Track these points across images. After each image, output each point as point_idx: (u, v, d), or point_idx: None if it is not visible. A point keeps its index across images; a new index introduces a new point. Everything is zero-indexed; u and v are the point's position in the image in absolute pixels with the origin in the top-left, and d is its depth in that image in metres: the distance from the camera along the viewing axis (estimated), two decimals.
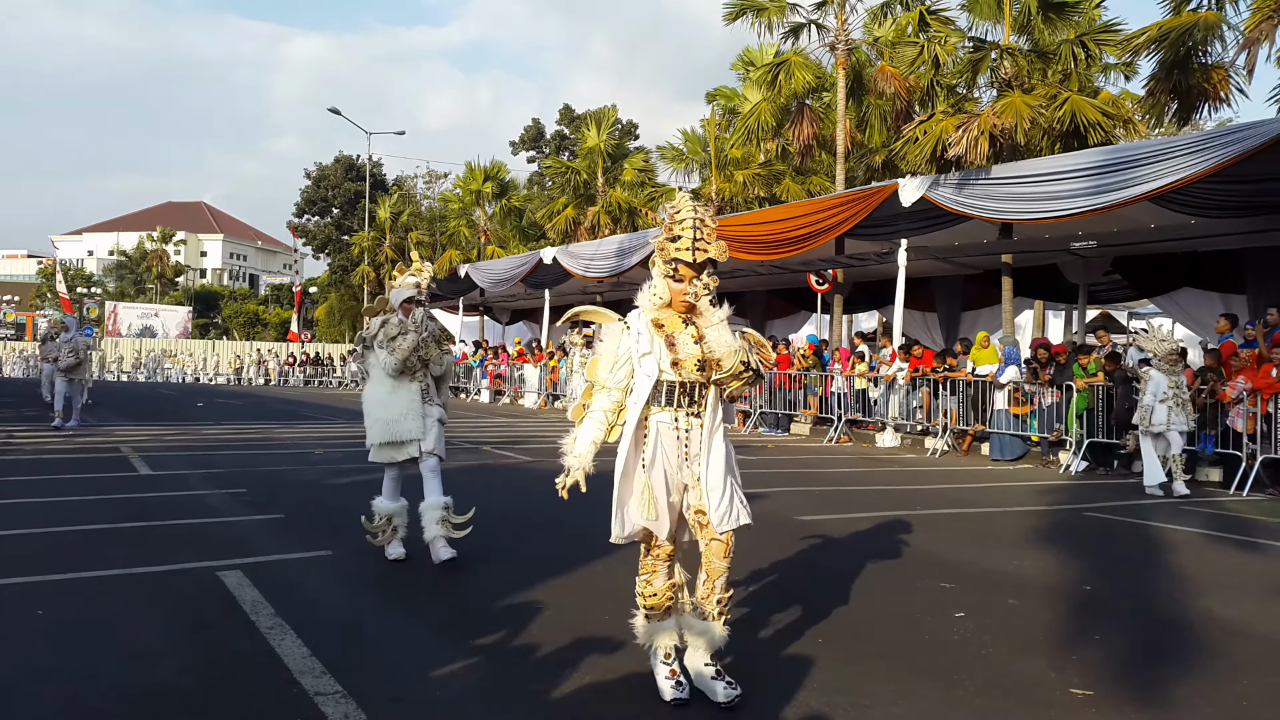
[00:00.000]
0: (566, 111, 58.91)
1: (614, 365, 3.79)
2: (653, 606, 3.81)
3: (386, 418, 6.01)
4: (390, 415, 6.01)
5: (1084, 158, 14.26)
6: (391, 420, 6.01)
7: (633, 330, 3.78)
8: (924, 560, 6.62)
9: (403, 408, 6.03)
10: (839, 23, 19.15)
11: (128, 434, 14.71)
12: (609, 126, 29.45)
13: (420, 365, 6.11)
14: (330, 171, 65.72)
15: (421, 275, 6.27)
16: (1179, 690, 4.13)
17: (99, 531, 6.96)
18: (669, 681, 3.77)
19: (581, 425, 3.84)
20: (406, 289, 6.20)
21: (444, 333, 6.69)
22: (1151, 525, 8.54)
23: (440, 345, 6.28)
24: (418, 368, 6.09)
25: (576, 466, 3.75)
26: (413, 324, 6.07)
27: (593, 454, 3.79)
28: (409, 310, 6.14)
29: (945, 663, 4.36)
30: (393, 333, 6.00)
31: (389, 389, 6.04)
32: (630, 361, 3.76)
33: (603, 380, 3.81)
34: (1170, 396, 10.63)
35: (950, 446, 15.10)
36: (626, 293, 28.56)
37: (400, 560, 6.07)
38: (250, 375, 48.22)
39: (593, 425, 3.80)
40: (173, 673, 4.00)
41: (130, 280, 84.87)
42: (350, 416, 20.72)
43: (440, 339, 6.31)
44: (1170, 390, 10.66)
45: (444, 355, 6.30)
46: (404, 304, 6.15)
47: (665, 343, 3.71)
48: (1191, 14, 14.39)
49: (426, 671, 4.08)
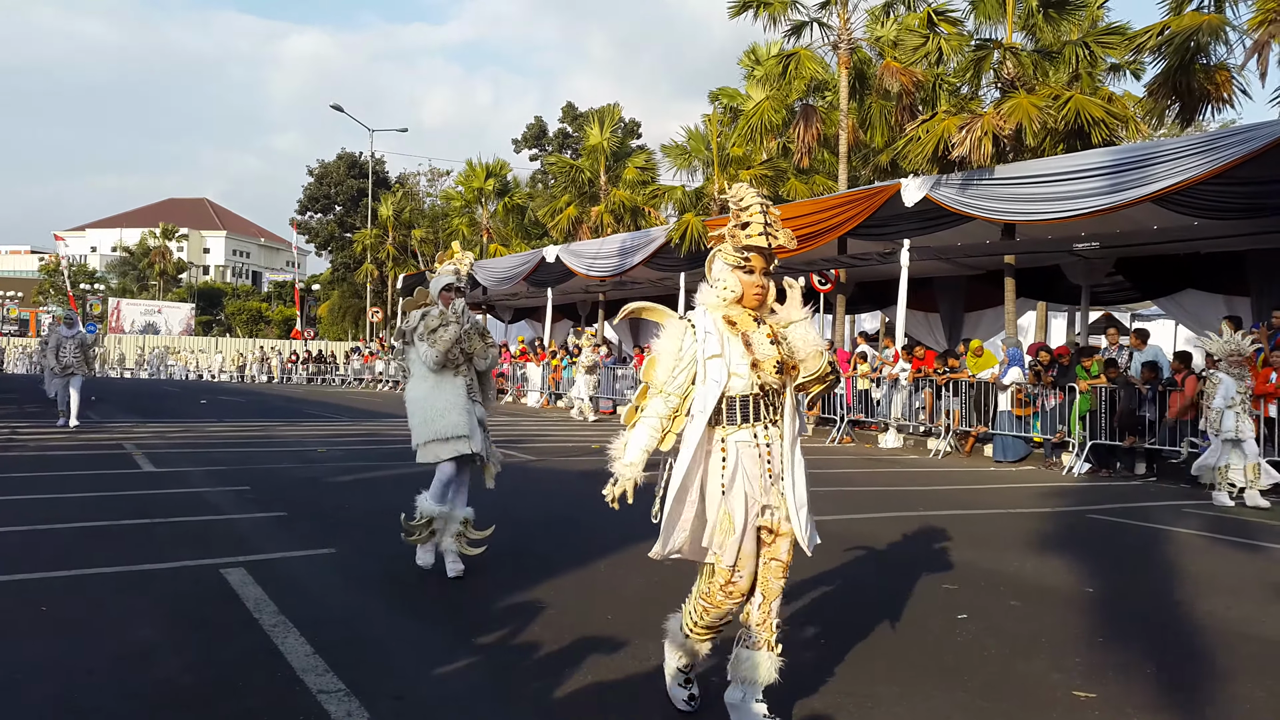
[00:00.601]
0: (569, 109, 58.87)
1: (674, 368, 3.41)
2: (705, 635, 3.50)
3: (430, 414, 5.71)
4: (433, 411, 5.70)
5: (1087, 159, 14.24)
6: (435, 415, 5.69)
7: (699, 329, 3.41)
8: (927, 562, 6.62)
9: (447, 402, 5.72)
10: (842, 22, 19.15)
11: (131, 431, 14.73)
12: (613, 125, 29.44)
13: (464, 359, 5.82)
14: (333, 169, 65.74)
15: (461, 263, 5.99)
16: (1181, 693, 4.13)
17: (102, 528, 6.97)
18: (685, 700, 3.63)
19: (634, 431, 3.46)
20: (445, 276, 5.91)
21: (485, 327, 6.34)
22: (1154, 528, 8.53)
23: (484, 338, 5.99)
24: (460, 361, 5.80)
25: (627, 476, 3.39)
26: (454, 315, 5.77)
27: (644, 463, 3.44)
28: (448, 300, 5.85)
29: (948, 664, 4.36)
30: (433, 324, 5.69)
31: (431, 384, 5.75)
32: (693, 365, 3.39)
33: (661, 384, 3.42)
34: (1238, 402, 10.15)
35: (953, 448, 15.08)
36: (628, 291, 28.65)
37: (425, 568, 5.79)
38: (253, 373, 48.23)
39: (646, 432, 3.42)
40: (174, 670, 4.00)
41: (133, 277, 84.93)
42: (354, 414, 20.75)
43: (484, 331, 6.04)
44: (1239, 395, 10.18)
45: (489, 348, 6.02)
46: (443, 293, 5.86)
47: (741, 342, 3.38)
48: (1194, 15, 14.37)
49: (429, 670, 4.09)
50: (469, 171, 36.13)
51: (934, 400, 15.63)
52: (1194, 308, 17.52)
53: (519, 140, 60.28)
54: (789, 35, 19.80)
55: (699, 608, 3.43)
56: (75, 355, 15.00)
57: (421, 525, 5.73)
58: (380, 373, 36.97)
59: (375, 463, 11.72)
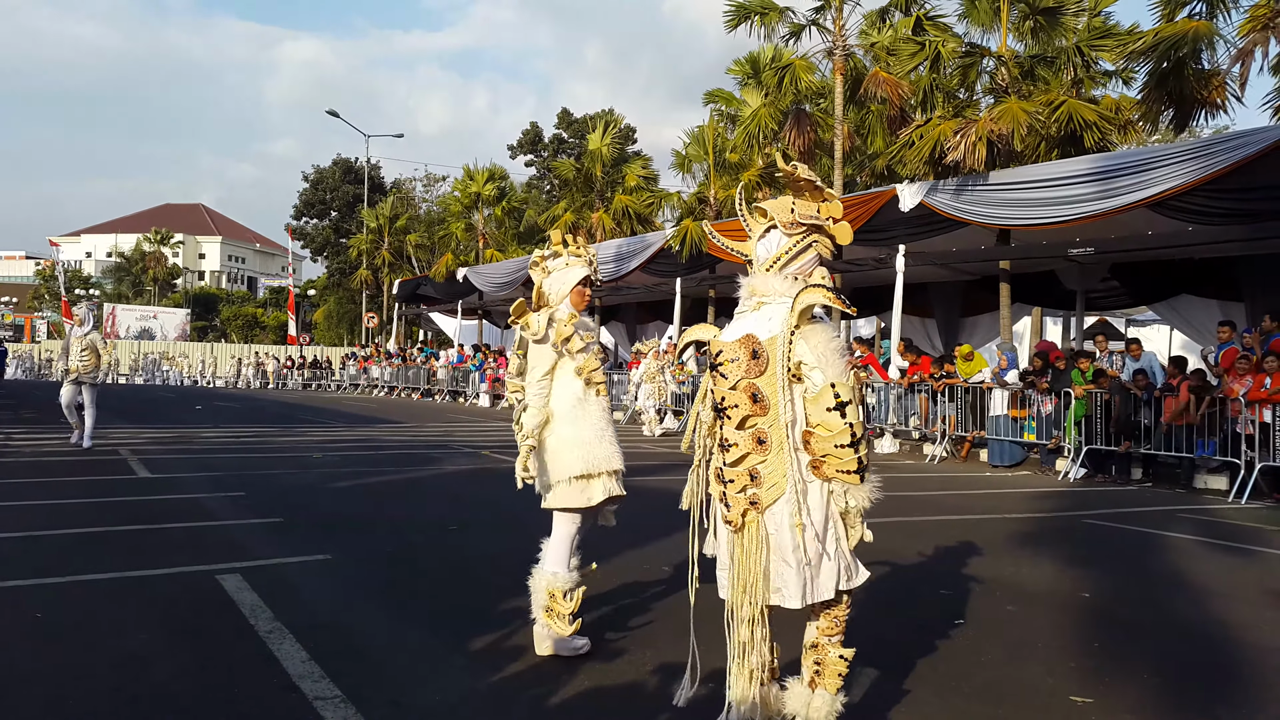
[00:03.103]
0: (565, 115, 59.03)
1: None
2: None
3: (581, 438, 4.39)
4: (585, 435, 4.41)
5: (1082, 164, 14.29)
6: (588, 441, 4.40)
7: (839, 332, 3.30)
8: (923, 567, 6.62)
9: (595, 429, 4.44)
10: (837, 28, 19.20)
11: (126, 437, 14.70)
12: (613, 131, 29.48)
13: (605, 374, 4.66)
14: (328, 174, 65.83)
15: (589, 252, 4.65)
16: (1177, 698, 4.13)
17: (97, 534, 6.96)
18: None
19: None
20: (579, 267, 4.53)
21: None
22: (1150, 533, 8.54)
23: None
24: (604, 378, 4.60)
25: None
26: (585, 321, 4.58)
27: None
28: (584, 298, 4.58)
29: (944, 669, 4.36)
30: (567, 332, 4.43)
31: (571, 403, 4.44)
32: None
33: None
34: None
35: (949, 453, 15.11)
36: (624, 297, 28.69)
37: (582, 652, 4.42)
38: (249, 378, 48.17)
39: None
40: (169, 677, 3.99)
41: (128, 282, 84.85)
42: (350, 420, 20.72)
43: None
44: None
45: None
46: (577, 288, 4.52)
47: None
48: (1186, 21, 14.43)
49: (426, 676, 4.08)
50: (465, 176, 36.15)
51: (930, 405, 15.65)
52: (1189, 313, 17.59)
53: (515, 146, 60.41)
54: (786, 40, 19.84)
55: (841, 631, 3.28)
56: (83, 359, 12.55)
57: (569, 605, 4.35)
58: (376, 378, 36.95)
59: (371, 469, 11.71)
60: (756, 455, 3.08)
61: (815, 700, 3.18)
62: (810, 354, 3.05)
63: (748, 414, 3.09)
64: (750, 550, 3.09)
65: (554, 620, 4.33)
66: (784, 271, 3.21)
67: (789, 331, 3.08)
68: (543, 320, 4.41)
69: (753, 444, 3.09)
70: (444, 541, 7.19)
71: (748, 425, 3.09)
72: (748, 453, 3.09)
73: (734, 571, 3.13)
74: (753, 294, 3.26)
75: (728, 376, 3.11)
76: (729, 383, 3.11)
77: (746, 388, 3.08)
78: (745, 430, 3.09)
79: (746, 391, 3.08)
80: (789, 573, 3.06)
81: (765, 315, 3.18)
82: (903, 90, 18.03)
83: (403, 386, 34.47)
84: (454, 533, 7.54)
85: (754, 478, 3.08)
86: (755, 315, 3.22)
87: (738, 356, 3.10)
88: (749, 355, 3.08)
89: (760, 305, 3.23)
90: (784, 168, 3.21)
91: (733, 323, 3.33)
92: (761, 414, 3.08)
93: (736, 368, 3.09)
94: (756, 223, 3.33)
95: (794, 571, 3.05)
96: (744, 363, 3.09)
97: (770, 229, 3.28)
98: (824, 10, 19.28)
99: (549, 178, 43.35)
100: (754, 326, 3.17)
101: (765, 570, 3.08)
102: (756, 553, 3.07)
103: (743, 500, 3.09)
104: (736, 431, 3.11)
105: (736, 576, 3.11)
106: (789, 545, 3.05)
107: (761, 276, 3.25)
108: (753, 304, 3.26)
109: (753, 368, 3.07)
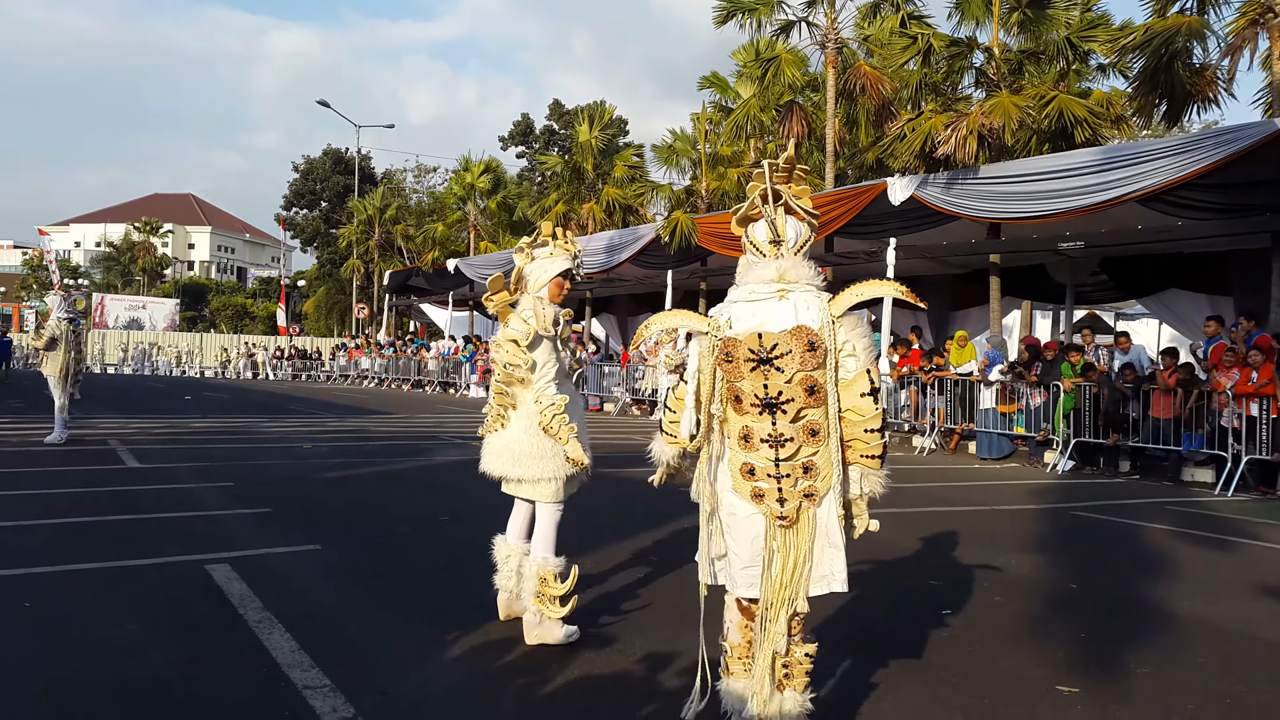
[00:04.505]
0: (556, 107, 58.87)
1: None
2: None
3: (578, 431, 4.48)
4: (579, 428, 4.50)
5: (1072, 158, 14.32)
6: (581, 434, 4.49)
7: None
8: (911, 558, 6.65)
9: (580, 421, 4.57)
10: (829, 21, 19.18)
11: (115, 427, 14.64)
12: (602, 122, 29.41)
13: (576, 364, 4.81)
14: (318, 164, 65.59)
15: (575, 246, 4.67)
16: (1163, 688, 4.16)
17: (85, 524, 6.94)
18: None
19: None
20: (561, 260, 4.55)
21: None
22: (1137, 525, 8.59)
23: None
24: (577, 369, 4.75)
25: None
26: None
27: None
28: (562, 290, 4.59)
29: (932, 660, 4.38)
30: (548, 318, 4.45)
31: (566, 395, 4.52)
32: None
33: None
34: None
35: (938, 445, 15.15)
36: (615, 289, 28.66)
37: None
38: (238, 369, 48.00)
39: None
40: (158, 667, 3.99)
41: (117, 272, 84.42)
42: (340, 411, 20.67)
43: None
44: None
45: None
46: (557, 279, 4.54)
47: None
48: (1178, 17, 14.46)
49: (415, 665, 4.09)
50: (462, 168, 36.06)
51: (919, 398, 15.70)
52: (1177, 307, 17.66)
53: (505, 137, 60.26)
54: (776, 35, 19.82)
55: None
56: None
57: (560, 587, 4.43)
58: (366, 369, 36.86)
59: (361, 459, 11.70)
60: (809, 447, 3.07)
61: (786, 702, 3.17)
62: (851, 341, 3.08)
63: (803, 406, 3.05)
64: (803, 542, 3.07)
65: (545, 605, 4.37)
66: (807, 259, 3.20)
67: (832, 320, 3.07)
68: (549, 316, 4.42)
69: (806, 436, 3.06)
70: (433, 532, 7.18)
71: (801, 418, 3.06)
72: (801, 445, 3.06)
73: (776, 565, 3.08)
74: (781, 279, 3.15)
75: (784, 370, 3.03)
76: (785, 376, 3.04)
77: (803, 380, 3.03)
78: (799, 423, 3.06)
79: (803, 384, 3.03)
80: (839, 558, 3.10)
81: (801, 304, 3.10)
82: (884, 86, 18.06)
83: (393, 377, 34.40)
84: (444, 523, 7.53)
85: (808, 470, 3.07)
86: (784, 304, 3.11)
87: (792, 349, 3.02)
88: (805, 347, 3.00)
89: (785, 294, 3.13)
90: (790, 156, 3.16)
91: (751, 312, 3.14)
92: (816, 406, 3.06)
93: (793, 360, 3.02)
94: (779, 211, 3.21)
95: (842, 556, 3.10)
96: (800, 354, 3.02)
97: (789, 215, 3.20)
98: (815, 5, 19.26)
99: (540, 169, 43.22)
100: (798, 317, 3.08)
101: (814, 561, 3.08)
102: (806, 544, 3.07)
103: (798, 494, 3.07)
104: (791, 425, 3.06)
105: (789, 570, 3.07)
106: (837, 532, 3.10)
107: (792, 260, 3.17)
108: (773, 290, 3.14)
109: (810, 359, 3.00)
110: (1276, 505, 10.30)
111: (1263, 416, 11.11)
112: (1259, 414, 11.14)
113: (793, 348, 3.03)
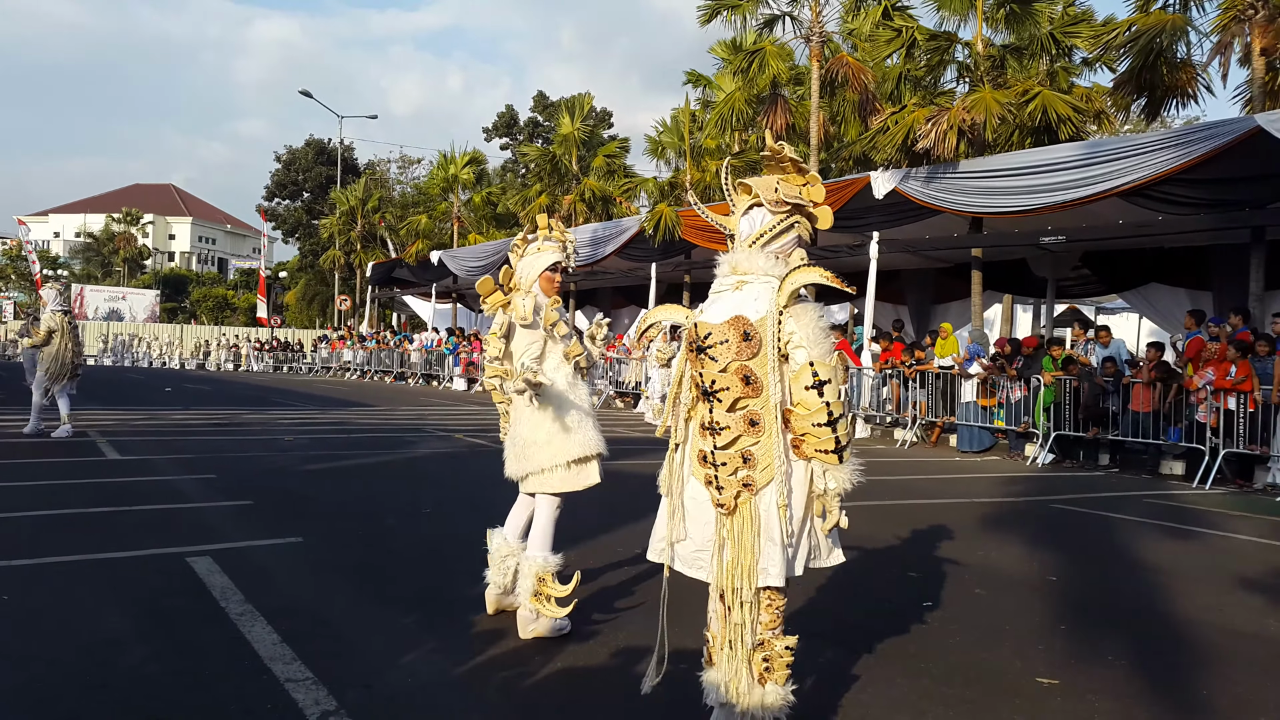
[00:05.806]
0: (540, 99, 58.71)
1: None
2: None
3: (576, 422, 4.40)
4: (579, 419, 4.42)
5: (1054, 153, 14.40)
6: (582, 425, 4.42)
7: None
8: (891, 550, 6.69)
9: (586, 410, 4.49)
10: (814, 15, 19.20)
11: (95, 418, 14.53)
12: (584, 114, 29.34)
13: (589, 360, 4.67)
14: (301, 155, 65.19)
15: (567, 237, 4.64)
16: (1142, 680, 4.21)
17: (65, 517, 6.89)
18: None
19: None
20: (551, 253, 4.53)
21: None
22: (1116, 518, 8.67)
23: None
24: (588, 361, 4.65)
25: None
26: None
27: None
28: (554, 283, 4.56)
29: (912, 652, 4.41)
30: (554, 317, 4.42)
31: (563, 387, 4.43)
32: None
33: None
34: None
35: (919, 438, 15.23)
36: (600, 281, 28.63)
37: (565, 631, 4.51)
38: (219, 360, 47.72)
39: None
40: (139, 660, 3.97)
41: (97, 263, 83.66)
42: (321, 402, 20.59)
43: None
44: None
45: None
46: (547, 273, 4.51)
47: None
48: (1159, 13, 14.55)
49: (398, 658, 4.08)
50: (442, 160, 35.89)
51: (901, 391, 15.77)
52: (1158, 301, 17.80)
53: (489, 129, 60.04)
54: (761, 30, 19.84)
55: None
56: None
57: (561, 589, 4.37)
58: (348, 361, 36.71)
59: (343, 451, 11.66)
60: (749, 437, 3.07)
61: (768, 695, 3.16)
62: (798, 332, 3.04)
63: (739, 396, 3.06)
64: (744, 532, 3.08)
65: (543, 604, 4.33)
66: (765, 249, 3.19)
67: (777, 311, 3.06)
68: (529, 305, 4.34)
69: (745, 426, 3.07)
70: (417, 524, 7.17)
71: (739, 407, 3.08)
72: (739, 435, 3.07)
73: (728, 554, 3.10)
74: (734, 271, 3.20)
75: (718, 359, 3.07)
76: (719, 365, 3.06)
77: (738, 370, 3.05)
78: (737, 412, 3.07)
79: (738, 374, 3.05)
80: (774, 551, 3.07)
81: (750, 295, 3.12)
82: (866, 77, 18.08)
83: (375, 369, 34.28)
84: (427, 515, 7.52)
85: (747, 460, 3.07)
86: (738, 295, 3.15)
87: (728, 338, 3.05)
88: (740, 337, 3.02)
89: (742, 285, 3.17)
90: (771, 145, 3.17)
91: (711, 303, 3.23)
92: (754, 396, 3.06)
93: (727, 350, 3.04)
94: (740, 198, 3.28)
95: (778, 550, 3.06)
96: (735, 344, 3.04)
97: (753, 206, 3.23)
98: (798, 1, 19.29)
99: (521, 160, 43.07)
100: (741, 307, 3.11)
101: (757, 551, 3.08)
102: (750, 534, 3.07)
103: (735, 483, 3.08)
104: (728, 414, 3.08)
105: (732, 559, 3.09)
106: (775, 525, 3.06)
107: (744, 252, 3.20)
108: (732, 282, 3.20)
109: (744, 349, 3.02)
110: (1252, 498, 10.42)
111: (1240, 411, 11.22)
112: (1236, 408, 11.25)
113: (728, 337, 3.05)
